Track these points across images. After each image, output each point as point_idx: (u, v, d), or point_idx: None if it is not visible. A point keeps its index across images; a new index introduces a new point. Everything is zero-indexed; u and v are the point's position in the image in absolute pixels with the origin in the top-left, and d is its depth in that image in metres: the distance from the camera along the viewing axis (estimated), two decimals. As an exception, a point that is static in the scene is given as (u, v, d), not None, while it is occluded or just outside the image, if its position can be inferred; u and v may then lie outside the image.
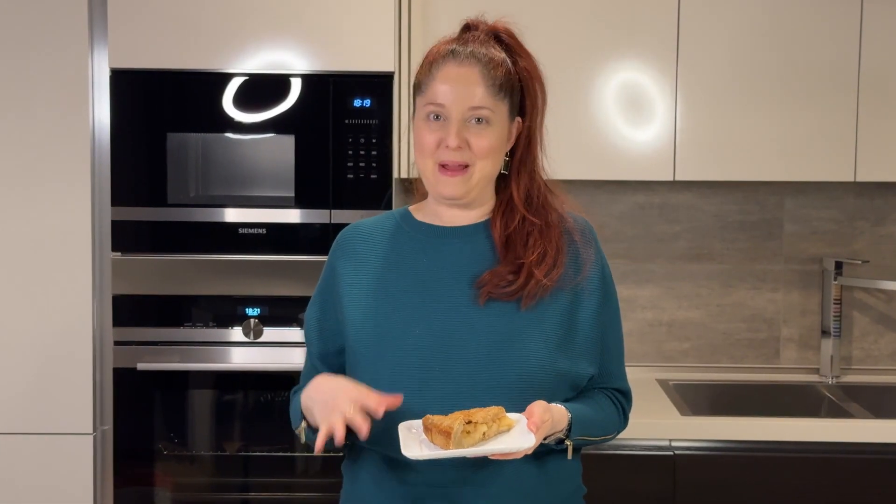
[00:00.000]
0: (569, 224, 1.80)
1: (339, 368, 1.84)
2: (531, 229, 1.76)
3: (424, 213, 1.84)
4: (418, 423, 1.64)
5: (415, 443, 1.61)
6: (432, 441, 1.60)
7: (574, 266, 1.77)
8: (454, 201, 1.76)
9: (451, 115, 1.72)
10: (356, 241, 1.84)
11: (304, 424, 1.76)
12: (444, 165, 1.73)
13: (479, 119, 1.72)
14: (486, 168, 1.74)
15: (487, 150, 1.72)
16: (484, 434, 1.59)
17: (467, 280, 1.74)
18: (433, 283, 1.76)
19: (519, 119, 1.79)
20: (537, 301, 1.73)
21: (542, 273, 1.72)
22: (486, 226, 1.80)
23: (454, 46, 1.76)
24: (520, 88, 1.77)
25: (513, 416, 1.64)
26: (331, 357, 1.85)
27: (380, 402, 1.61)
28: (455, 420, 1.58)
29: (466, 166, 1.72)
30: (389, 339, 1.74)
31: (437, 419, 1.60)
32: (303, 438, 1.77)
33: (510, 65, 1.76)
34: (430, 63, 1.76)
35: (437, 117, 1.73)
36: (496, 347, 1.70)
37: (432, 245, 1.79)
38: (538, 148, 1.81)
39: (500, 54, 1.75)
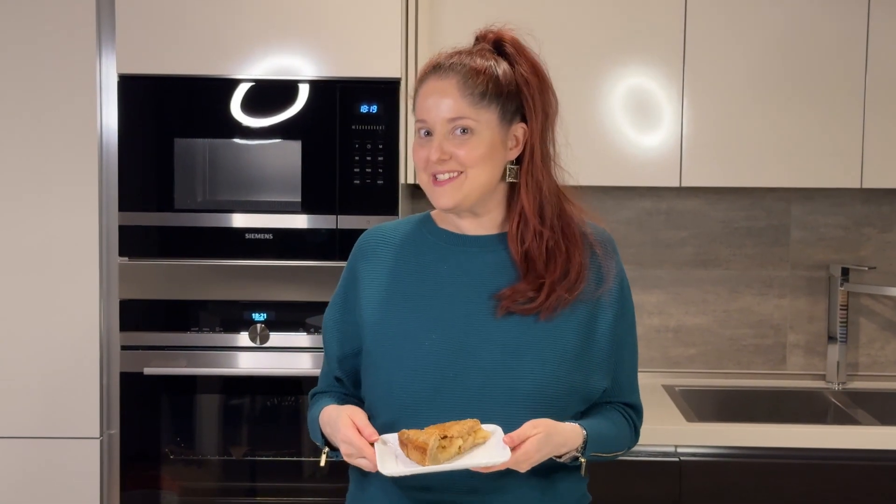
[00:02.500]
0: (590, 237, 1.80)
1: (356, 372, 1.85)
2: (550, 245, 1.75)
3: (446, 220, 1.84)
4: (394, 436, 1.64)
5: (391, 458, 1.61)
6: (408, 456, 1.59)
7: (596, 279, 1.78)
8: (451, 211, 1.77)
9: (434, 129, 1.73)
10: (378, 244, 1.85)
11: (326, 449, 1.78)
12: (437, 180, 1.73)
13: (463, 130, 1.72)
14: (480, 176, 1.73)
15: (474, 159, 1.72)
16: (460, 448, 1.59)
17: (487, 291, 1.75)
18: (452, 290, 1.76)
19: (524, 126, 1.77)
20: (558, 314, 1.73)
21: (564, 289, 1.72)
22: (496, 238, 1.80)
23: (440, 60, 1.76)
24: (517, 95, 1.76)
25: (488, 427, 1.63)
26: (348, 360, 1.85)
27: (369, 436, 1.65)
28: (430, 436, 1.57)
29: (457, 175, 1.72)
30: (406, 343, 1.74)
31: (412, 434, 1.59)
32: (322, 461, 1.79)
33: (503, 72, 1.74)
34: (418, 80, 1.78)
35: (428, 133, 1.74)
36: (511, 357, 1.70)
37: (453, 253, 1.80)
38: (543, 156, 1.79)
39: (486, 62, 1.74)
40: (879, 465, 2.67)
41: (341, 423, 1.67)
